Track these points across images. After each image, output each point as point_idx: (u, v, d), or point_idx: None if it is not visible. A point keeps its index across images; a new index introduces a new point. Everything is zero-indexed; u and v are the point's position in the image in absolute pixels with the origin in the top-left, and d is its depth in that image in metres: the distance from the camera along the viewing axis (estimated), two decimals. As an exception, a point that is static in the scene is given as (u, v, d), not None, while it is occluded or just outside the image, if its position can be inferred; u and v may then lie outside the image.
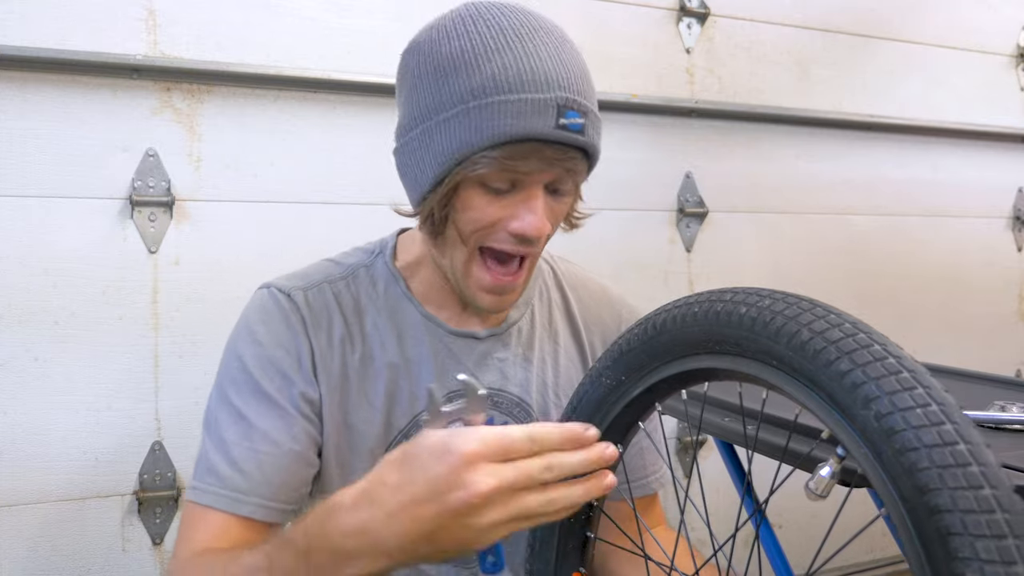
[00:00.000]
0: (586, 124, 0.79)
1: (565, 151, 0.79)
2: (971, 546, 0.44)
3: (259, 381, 0.85)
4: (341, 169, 1.60)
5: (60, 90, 1.42)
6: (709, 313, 0.64)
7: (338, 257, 0.97)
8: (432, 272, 0.92)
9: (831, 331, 0.55)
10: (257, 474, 0.83)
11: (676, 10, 1.93)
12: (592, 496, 0.64)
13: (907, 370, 0.51)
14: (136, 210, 1.46)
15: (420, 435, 0.64)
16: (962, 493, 0.46)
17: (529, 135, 0.76)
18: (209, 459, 0.85)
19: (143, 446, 1.47)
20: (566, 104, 0.77)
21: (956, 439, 0.48)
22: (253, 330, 0.88)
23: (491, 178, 0.79)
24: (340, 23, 1.60)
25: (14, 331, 1.39)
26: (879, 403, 0.50)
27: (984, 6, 2.31)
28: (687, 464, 1.93)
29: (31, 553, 1.41)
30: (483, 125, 0.77)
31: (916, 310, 2.24)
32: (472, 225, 0.82)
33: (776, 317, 0.58)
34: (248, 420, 0.84)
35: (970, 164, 2.31)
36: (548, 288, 1.01)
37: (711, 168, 1.98)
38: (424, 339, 0.92)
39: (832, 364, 0.53)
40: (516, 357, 0.96)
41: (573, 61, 0.80)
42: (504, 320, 0.96)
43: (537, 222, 0.80)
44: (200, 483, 0.85)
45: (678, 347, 0.68)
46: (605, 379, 0.75)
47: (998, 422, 1.02)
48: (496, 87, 0.76)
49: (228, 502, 0.83)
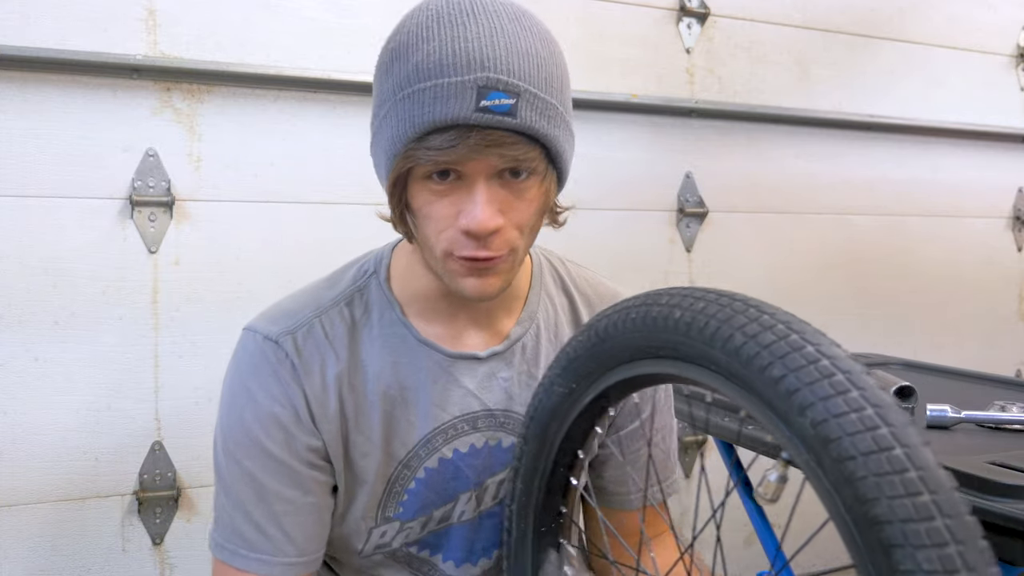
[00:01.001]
0: (519, 105, 0.72)
1: (498, 136, 0.73)
2: (912, 558, 0.43)
3: (263, 441, 0.84)
4: (341, 169, 1.60)
5: (60, 90, 1.42)
6: (647, 318, 0.63)
7: (330, 279, 0.92)
8: (424, 275, 0.88)
9: (763, 334, 0.53)
10: (279, 535, 0.84)
11: (676, 10, 1.93)
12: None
13: (841, 372, 0.49)
14: (136, 210, 1.46)
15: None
16: (900, 502, 0.44)
17: (448, 120, 0.71)
18: (232, 519, 0.85)
19: (143, 446, 1.47)
20: (488, 85, 0.71)
21: (892, 444, 0.46)
22: (247, 386, 0.85)
23: (427, 171, 0.75)
24: (340, 23, 1.60)
25: (14, 331, 1.39)
26: (814, 410, 0.48)
27: (984, 6, 2.31)
28: (687, 464, 1.93)
29: (31, 553, 1.41)
30: (406, 116, 0.74)
31: (916, 310, 2.24)
32: (430, 225, 0.78)
33: (710, 321, 0.56)
34: (259, 481, 0.84)
35: (970, 164, 2.31)
36: (553, 297, 0.97)
37: (711, 168, 1.98)
38: (422, 365, 0.88)
39: (766, 369, 0.51)
40: (521, 375, 0.92)
41: (509, 40, 0.74)
42: (506, 337, 0.91)
43: (481, 215, 0.74)
44: (228, 543, 0.85)
45: (622, 353, 0.67)
46: (557, 387, 0.74)
47: (998, 422, 1.02)
48: (418, 76, 0.73)
49: (258, 564, 0.84)
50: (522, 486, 0.84)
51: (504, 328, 0.92)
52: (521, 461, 0.83)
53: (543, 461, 0.80)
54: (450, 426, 0.89)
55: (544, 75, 0.75)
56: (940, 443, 0.97)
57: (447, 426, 0.89)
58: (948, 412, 1.02)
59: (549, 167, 0.79)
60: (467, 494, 0.91)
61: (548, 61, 0.76)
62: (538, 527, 0.83)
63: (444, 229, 0.78)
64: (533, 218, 0.81)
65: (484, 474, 0.90)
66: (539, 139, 0.76)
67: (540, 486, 0.81)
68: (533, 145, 0.75)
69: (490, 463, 0.91)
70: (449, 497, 0.91)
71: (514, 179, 0.77)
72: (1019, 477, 0.79)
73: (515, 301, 0.93)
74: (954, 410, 1.03)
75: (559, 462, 0.80)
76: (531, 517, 0.83)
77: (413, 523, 0.91)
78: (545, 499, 0.81)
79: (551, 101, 0.76)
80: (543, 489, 0.81)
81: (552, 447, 0.80)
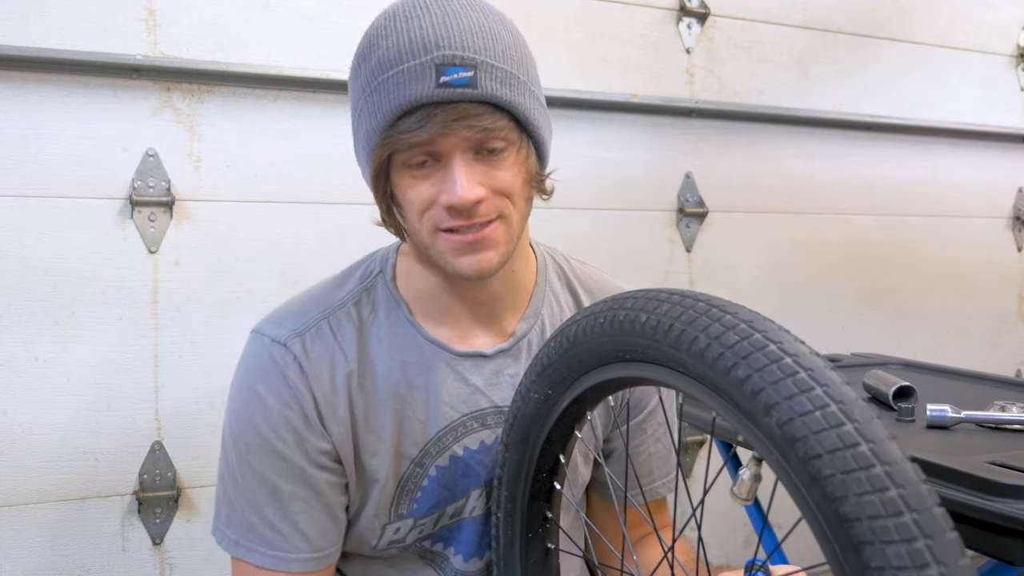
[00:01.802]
0: (478, 76, 0.76)
1: (463, 108, 0.76)
2: (882, 554, 0.43)
3: (274, 444, 0.84)
4: (341, 169, 1.59)
5: (60, 90, 1.42)
6: (613, 322, 0.63)
7: (337, 279, 0.93)
8: (428, 273, 0.89)
9: (726, 335, 0.53)
10: (294, 534, 0.85)
11: (676, 10, 1.93)
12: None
13: (804, 369, 0.49)
14: (136, 210, 1.46)
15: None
16: (867, 498, 0.44)
17: (412, 102, 0.75)
18: (246, 517, 0.85)
19: (143, 446, 1.47)
20: (444, 62, 0.75)
21: (857, 440, 0.46)
22: (256, 390, 0.86)
23: (405, 157, 0.79)
24: (340, 23, 1.60)
25: (14, 331, 1.39)
26: (779, 409, 0.48)
27: (984, 6, 2.31)
28: (687, 464, 1.93)
29: (31, 553, 1.41)
30: (375, 108, 0.77)
31: (916, 310, 2.24)
32: (413, 210, 0.81)
33: (674, 324, 0.57)
34: (272, 482, 0.85)
35: (970, 164, 2.31)
36: (557, 294, 0.98)
37: (711, 168, 1.98)
38: (430, 364, 0.89)
39: (731, 370, 0.52)
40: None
41: (462, 21, 0.78)
42: (512, 334, 0.93)
43: (461, 189, 0.77)
44: (244, 541, 0.86)
45: (592, 357, 0.67)
46: (534, 394, 0.75)
47: (998, 422, 1.02)
48: (380, 68, 0.77)
49: (276, 561, 0.85)
50: (507, 493, 0.84)
51: (509, 326, 0.93)
52: (504, 468, 0.84)
53: (525, 467, 0.81)
54: (460, 424, 0.90)
55: (500, 48, 0.79)
56: (940, 443, 0.97)
57: (457, 424, 0.90)
58: (948, 412, 1.02)
59: (523, 136, 0.82)
60: (478, 490, 0.92)
61: (503, 36, 0.80)
62: (525, 533, 0.83)
63: (427, 209, 0.80)
64: (517, 185, 0.82)
65: (494, 470, 0.91)
66: (504, 107, 0.78)
67: (524, 492, 0.82)
68: (500, 114, 0.78)
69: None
70: (460, 493, 0.92)
71: (490, 155, 0.79)
72: (1019, 477, 0.79)
73: (520, 298, 0.94)
74: (954, 410, 1.02)
75: (541, 468, 0.80)
76: (517, 523, 0.83)
77: (426, 520, 0.92)
78: (530, 505, 0.81)
79: (510, 71, 0.79)
80: (527, 495, 0.82)
81: (533, 453, 0.80)
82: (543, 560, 0.82)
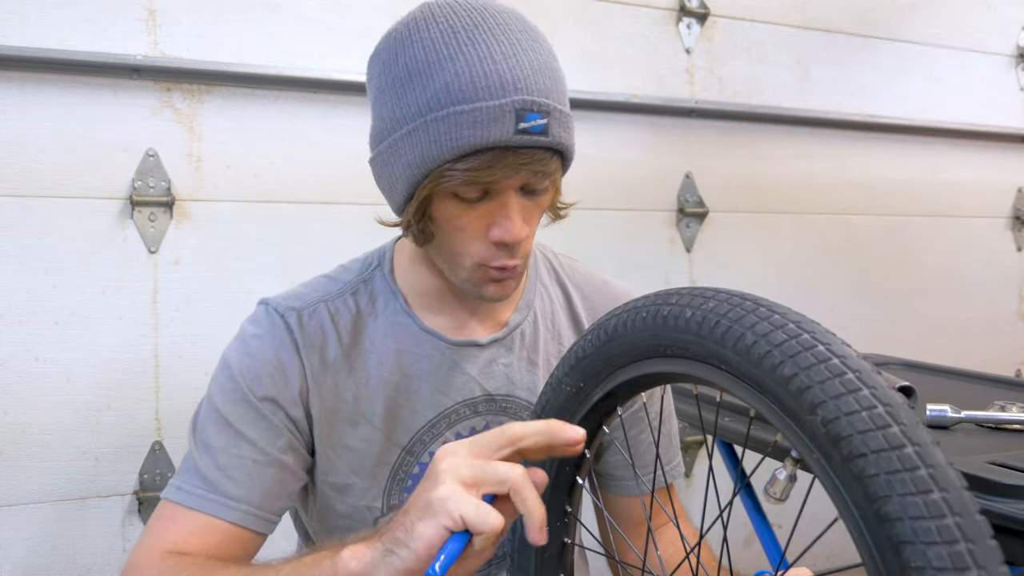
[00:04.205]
0: (550, 123, 0.77)
1: (531, 154, 0.77)
2: (923, 554, 0.43)
3: (247, 392, 0.85)
4: (341, 169, 1.60)
5: (60, 90, 1.42)
6: (656, 317, 0.63)
7: (336, 272, 0.96)
8: (427, 273, 0.91)
9: (774, 333, 0.53)
10: (246, 481, 0.83)
11: (676, 10, 1.93)
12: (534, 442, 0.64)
13: (852, 371, 0.50)
14: (136, 210, 1.46)
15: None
16: (911, 499, 0.44)
17: (489, 144, 0.75)
18: (195, 462, 0.85)
19: (143, 446, 1.47)
20: (524, 107, 0.75)
21: (903, 442, 0.46)
22: (247, 343, 0.88)
23: (460, 190, 0.78)
24: (340, 23, 1.60)
25: (14, 331, 1.39)
26: (824, 408, 0.49)
27: (984, 6, 2.31)
28: (687, 464, 1.93)
29: (31, 553, 1.41)
30: (441, 138, 0.75)
31: (916, 310, 2.24)
32: (460, 237, 0.82)
33: (721, 320, 0.57)
34: (235, 428, 0.84)
35: (970, 164, 2.31)
36: (548, 287, 1.00)
37: (711, 168, 1.98)
38: (425, 353, 0.91)
39: (777, 369, 0.52)
40: (521, 361, 0.95)
41: (531, 58, 0.77)
42: (506, 324, 0.95)
43: (514, 228, 0.79)
44: (185, 484, 0.84)
45: (631, 352, 0.67)
46: (565, 386, 0.75)
47: (998, 422, 1.02)
48: (450, 98, 0.75)
49: (215, 506, 0.83)
50: None
51: (503, 317, 0.95)
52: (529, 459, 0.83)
53: (550, 459, 0.81)
54: (452, 411, 0.92)
55: (563, 89, 0.80)
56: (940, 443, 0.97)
57: (449, 411, 0.92)
58: (948, 412, 1.02)
59: (561, 170, 0.84)
60: None
61: (559, 73, 0.81)
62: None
63: (474, 241, 0.81)
64: (539, 222, 0.87)
65: None
66: (562, 151, 0.81)
67: (547, 485, 0.82)
68: (556, 157, 0.80)
69: None
70: None
71: (533, 192, 0.82)
72: (1019, 477, 0.79)
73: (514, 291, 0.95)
74: (954, 410, 1.02)
75: (565, 461, 0.80)
76: None
77: None
78: (551, 498, 0.81)
79: (569, 112, 0.80)
80: (549, 488, 0.82)
81: None
82: (559, 554, 0.82)
